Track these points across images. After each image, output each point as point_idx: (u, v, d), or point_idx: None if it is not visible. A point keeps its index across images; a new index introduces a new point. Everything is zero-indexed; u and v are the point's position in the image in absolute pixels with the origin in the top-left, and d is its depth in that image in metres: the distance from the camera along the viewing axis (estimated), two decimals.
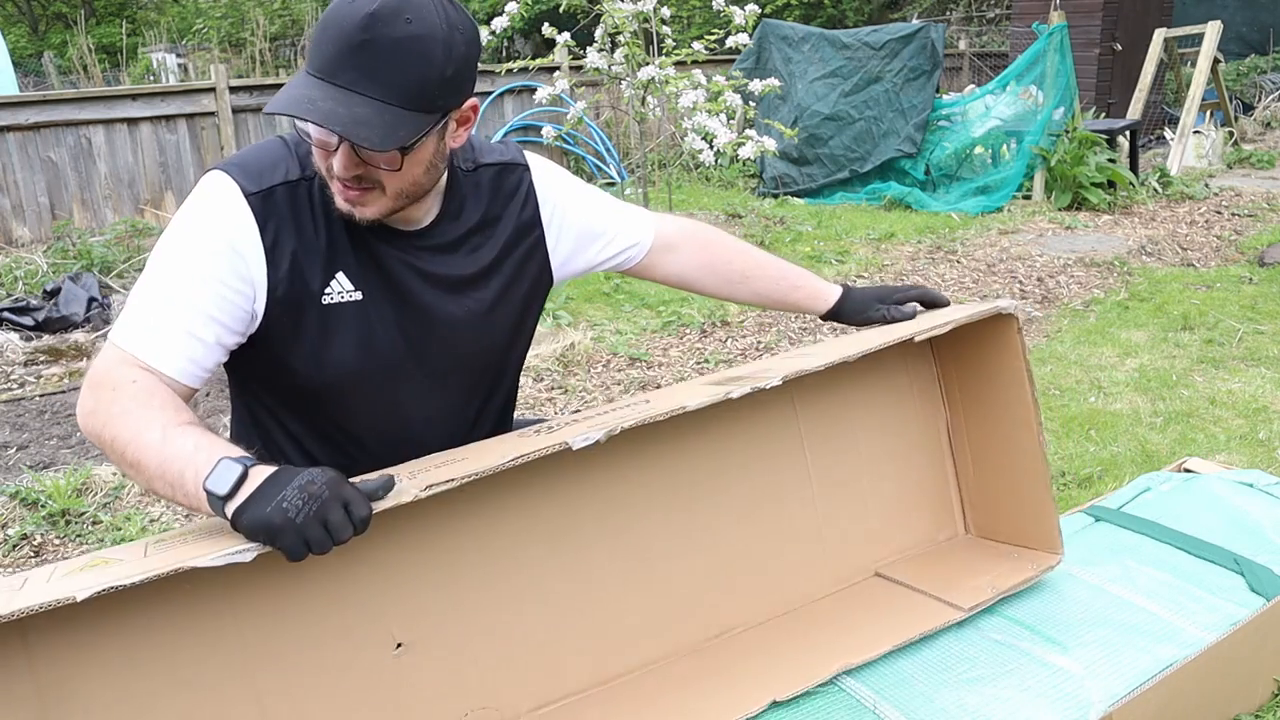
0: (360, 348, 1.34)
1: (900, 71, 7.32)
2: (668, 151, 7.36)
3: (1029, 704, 1.41)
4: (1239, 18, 11.87)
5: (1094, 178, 6.60)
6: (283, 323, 1.29)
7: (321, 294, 1.31)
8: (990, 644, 1.55)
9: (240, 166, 1.29)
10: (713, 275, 1.68)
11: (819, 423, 1.59)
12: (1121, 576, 1.72)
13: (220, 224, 1.25)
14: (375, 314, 1.35)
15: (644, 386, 3.65)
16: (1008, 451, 1.62)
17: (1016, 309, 1.52)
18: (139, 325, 1.22)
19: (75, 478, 2.80)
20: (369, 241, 1.33)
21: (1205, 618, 1.60)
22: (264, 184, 1.28)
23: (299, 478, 1.04)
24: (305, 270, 1.29)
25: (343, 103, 1.16)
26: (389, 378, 1.39)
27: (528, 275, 1.49)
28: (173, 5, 19.63)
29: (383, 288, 1.35)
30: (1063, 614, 1.61)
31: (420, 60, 1.17)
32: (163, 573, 0.98)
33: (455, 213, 1.41)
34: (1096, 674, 1.47)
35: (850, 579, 1.62)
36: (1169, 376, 3.55)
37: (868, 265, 5.26)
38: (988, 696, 1.43)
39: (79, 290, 4.81)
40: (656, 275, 1.68)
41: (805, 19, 14.38)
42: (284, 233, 1.28)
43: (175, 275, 1.24)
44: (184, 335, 1.22)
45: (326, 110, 1.15)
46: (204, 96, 7.00)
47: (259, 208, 1.27)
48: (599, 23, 6.03)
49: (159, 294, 1.24)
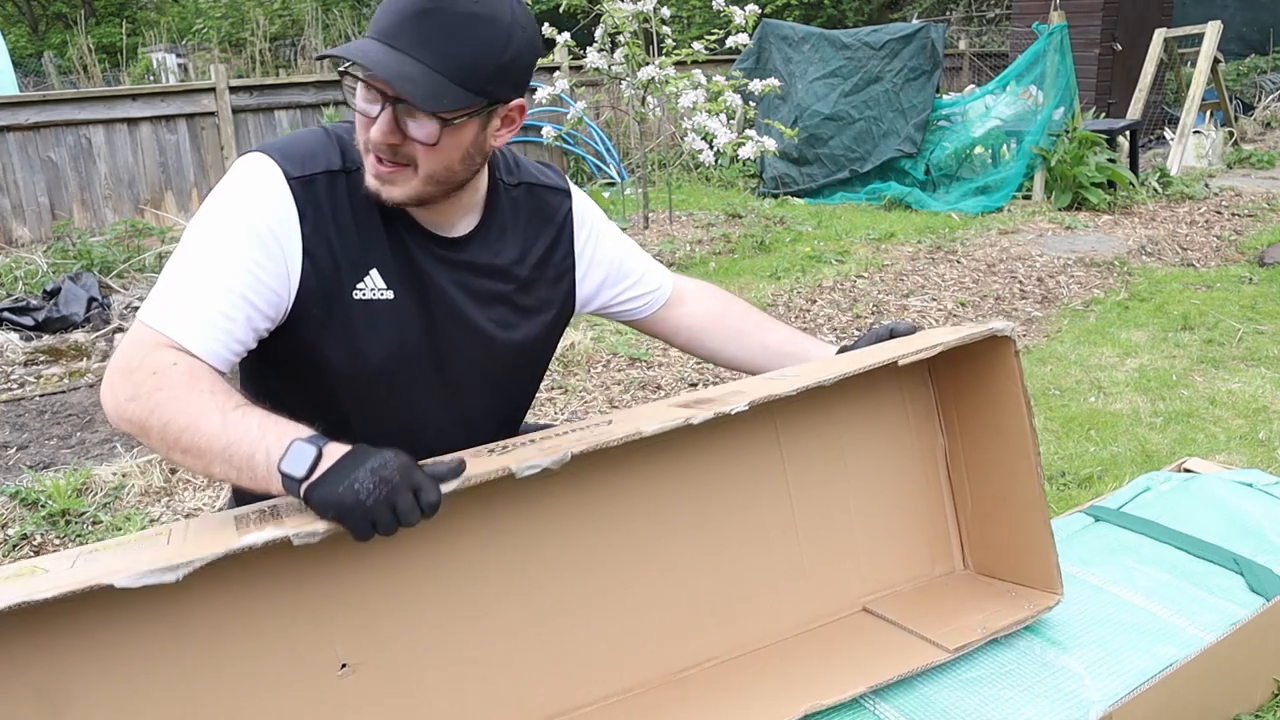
0: (386, 346, 1.34)
1: (900, 71, 7.32)
2: (668, 151, 7.36)
3: (1029, 704, 1.41)
4: (1239, 18, 11.87)
5: (1094, 178, 6.60)
6: (312, 313, 1.28)
7: (353, 288, 1.30)
8: (990, 644, 1.55)
9: (282, 151, 1.27)
10: (721, 328, 1.65)
11: (804, 448, 1.52)
12: (1122, 577, 1.72)
13: (260, 206, 1.24)
14: (405, 315, 1.34)
15: (644, 387, 3.65)
16: (1006, 482, 1.55)
17: (1012, 331, 1.44)
18: (172, 305, 1.20)
19: (75, 478, 2.80)
20: (406, 242, 1.33)
21: (1205, 618, 1.60)
22: (306, 170, 1.26)
23: (371, 460, 1.04)
24: (340, 262, 1.28)
25: (394, 59, 1.17)
26: (409, 381, 1.38)
27: (555, 301, 1.50)
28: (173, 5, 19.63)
29: (415, 290, 1.34)
30: (1063, 614, 1.61)
31: (478, 39, 1.19)
32: (75, 589, 0.93)
33: (494, 226, 1.40)
34: (1096, 674, 1.47)
35: (834, 614, 1.54)
36: (1169, 376, 3.55)
37: (868, 265, 5.26)
38: (987, 697, 1.42)
39: (79, 290, 4.81)
40: (666, 329, 1.66)
41: (805, 19, 14.38)
42: (322, 221, 1.27)
43: (210, 255, 1.22)
44: (219, 316, 1.20)
45: (374, 58, 1.16)
46: (204, 96, 7.00)
47: (300, 194, 1.25)
48: (599, 23, 6.03)
49: (193, 273, 1.21)
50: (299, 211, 1.25)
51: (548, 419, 3.12)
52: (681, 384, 3.67)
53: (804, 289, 4.82)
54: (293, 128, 7.29)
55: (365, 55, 1.17)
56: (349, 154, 1.30)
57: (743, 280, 5.07)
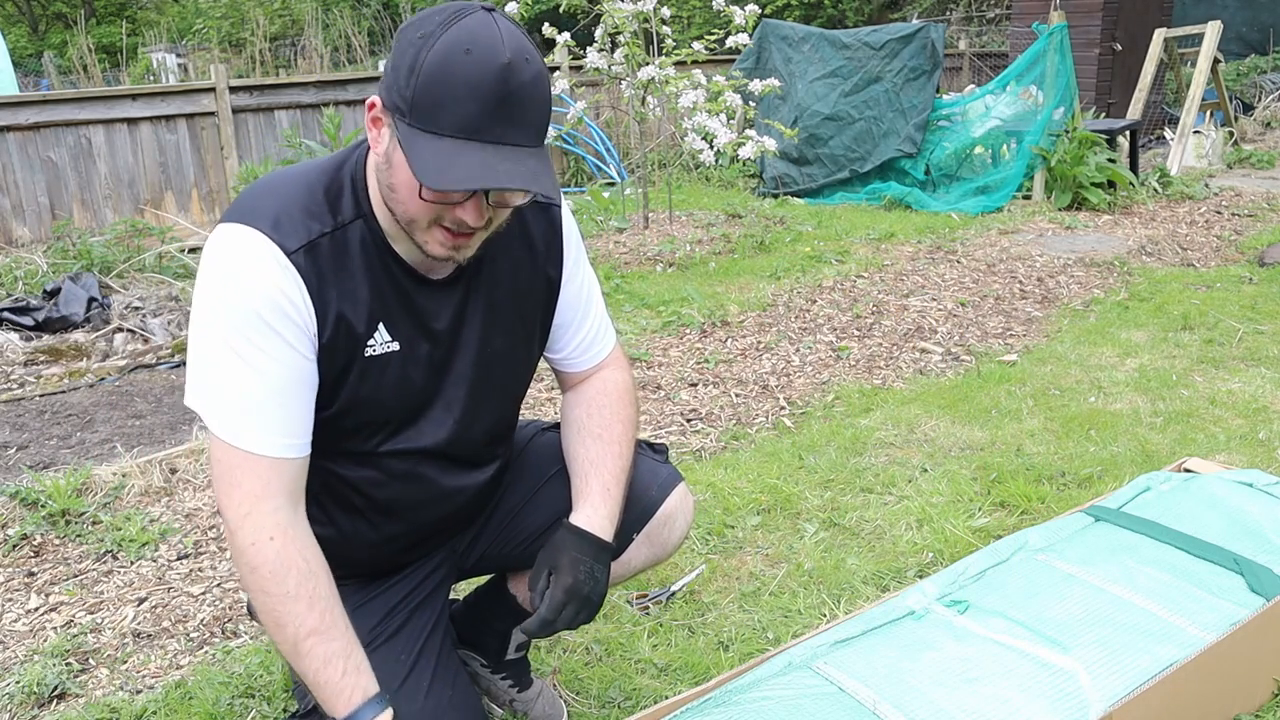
0: (396, 396, 1.36)
1: (900, 71, 7.31)
2: (668, 151, 7.35)
3: (1029, 704, 1.41)
4: (1239, 18, 11.87)
5: (1094, 178, 6.60)
6: (327, 374, 1.30)
7: (365, 345, 1.31)
8: (990, 644, 1.55)
9: (269, 220, 1.23)
10: (576, 409, 1.56)
11: None
12: (1122, 576, 1.72)
13: (269, 285, 1.22)
14: (411, 361, 1.36)
15: (644, 387, 3.65)
16: None
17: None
18: (238, 421, 1.23)
19: (75, 478, 2.80)
20: (403, 289, 1.33)
21: (1205, 617, 1.60)
22: (304, 239, 1.24)
23: None
24: (352, 323, 1.29)
25: (507, 158, 1.15)
26: (417, 418, 1.40)
27: (545, 317, 1.51)
28: (173, 5, 19.63)
29: (419, 336, 1.36)
30: (1063, 614, 1.61)
31: (546, 96, 1.19)
32: None
33: (489, 250, 1.38)
34: (1096, 674, 1.47)
35: None
36: (1169, 376, 3.55)
37: (868, 265, 5.26)
38: (987, 697, 1.42)
39: (79, 290, 4.81)
40: (570, 383, 1.59)
41: (805, 19, 14.38)
42: (327, 287, 1.26)
43: (247, 352, 1.22)
44: (285, 417, 1.25)
45: (507, 171, 1.14)
46: (204, 96, 7.00)
47: (304, 265, 1.23)
48: (599, 23, 6.03)
49: (243, 381, 1.23)
50: (306, 285, 1.24)
51: (547, 419, 3.11)
52: (681, 384, 3.67)
53: (804, 289, 4.82)
54: (293, 128, 7.28)
55: (497, 173, 1.14)
56: (337, 208, 1.28)
57: (743, 280, 5.07)
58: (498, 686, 1.82)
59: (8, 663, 2.13)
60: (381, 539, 1.48)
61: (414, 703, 1.41)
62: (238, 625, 2.24)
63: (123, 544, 2.58)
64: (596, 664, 2.00)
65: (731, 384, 3.67)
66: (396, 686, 1.40)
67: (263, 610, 1.25)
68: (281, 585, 1.23)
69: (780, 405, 3.47)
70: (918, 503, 2.62)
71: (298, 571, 1.24)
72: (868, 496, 2.70)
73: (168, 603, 2.35)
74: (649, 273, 5.32)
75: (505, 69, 1.13)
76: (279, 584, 1.23)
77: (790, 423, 3.31)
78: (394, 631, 1.48)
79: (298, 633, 1.22)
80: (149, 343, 4.46)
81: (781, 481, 2.78)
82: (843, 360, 3.91)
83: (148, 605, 2.33)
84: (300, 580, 1.23)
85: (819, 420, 3.31)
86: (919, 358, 3.93)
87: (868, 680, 1.47)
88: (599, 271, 5.27)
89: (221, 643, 2.17)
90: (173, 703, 1.93)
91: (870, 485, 2.77)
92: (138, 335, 4.54)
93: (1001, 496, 2.63)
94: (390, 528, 1.47)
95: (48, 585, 2.43)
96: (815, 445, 3.06)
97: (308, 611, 1.23)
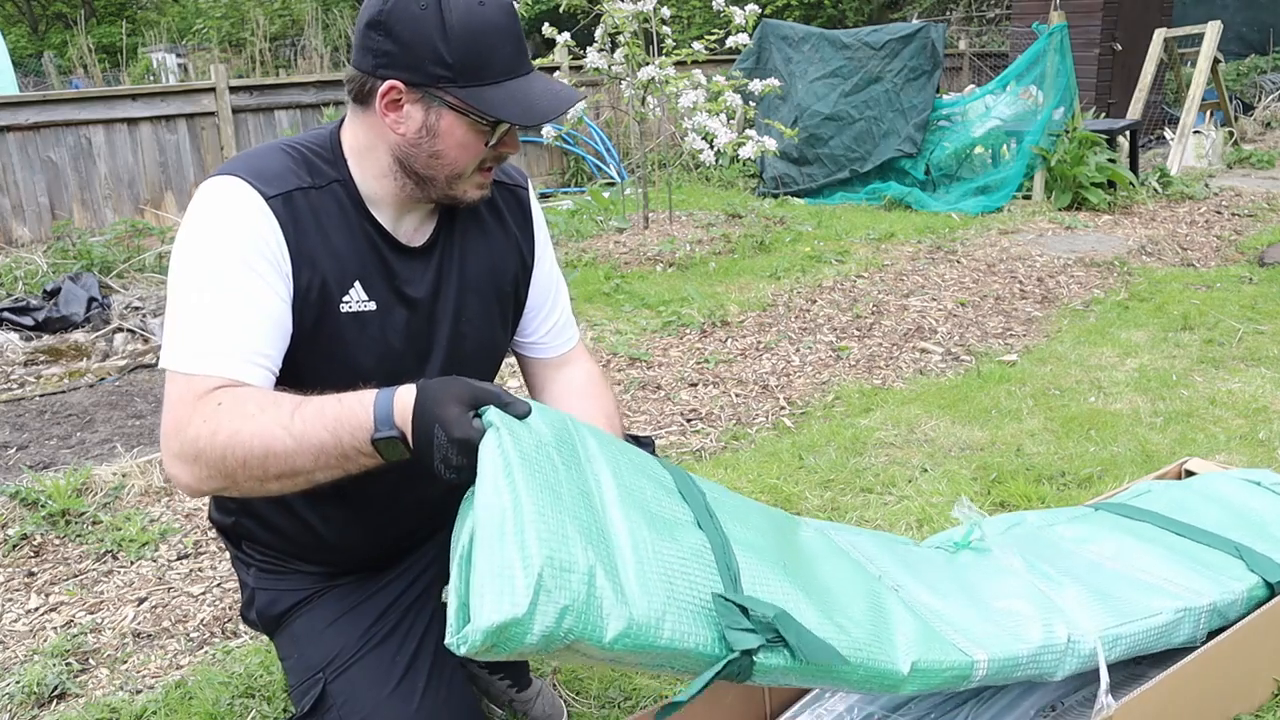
0: (374, 354, 1.36)
1: (900, 71, 7.31)
2: (668, 151, 7.35)
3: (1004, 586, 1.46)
4: (1239, 18, 11.87)
5: (1094, 178, 6.60)
6: (304, 327, 1.29)
7: (340, 300, 1.31)
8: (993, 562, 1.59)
9: (250, 172, 1.26)
10: (555, 404, 1.54)
11: None
12: (1119, 554, 1.72)
13: (247, 224, 1.23)
14: (388, 323, 1.36)
15: (644, 386, 3.65)
16: None
17: None
18: (196, 344, 1.19)
19: (75, 478, 2.80)
20: (381, 253, 1.35)
21: (1201, 585, 1.60)
22: (281, 188, 1.26)
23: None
24: (327, 276, 1.30)
25: (543, 82, 1.28)
26: (393, 384, 1.38)
27: (517, 296, 1.53)
28: (173, 5, 19.62)
29: (395, 299, 1.36)
30: (1060, 560, 1.64)
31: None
32: None
33: (455, 227, 1.42)
34: (1088, 608, 1.49)
35: None
36: (1169, 376, 3.55)
37: (868, 265, 5.26)
38: (993, 590, 1.47)
39: (79, 290, 4.81)
40: (540, 379, 1.59)
41: (805, 19, 14.37)
42: (305, 237, 1.27)
43: (217, 285, 1.21)
44: (246, 338, 1.21)
45: (556, 92, 1.27)
46: (204, 96, 7.00)
47: (281, 210, 1.25)
48: (599, 23, 6.03)
49: (205, 308, 1.20)
50: (283, 228, 1.25)
51: None
52: (681, 384, 3.67)
53: (804, 289, 4.82)
54: (293, 128, 7.28)
55: (554, 94, 1.26)
56: (316, 171, 1.31)
57: (743, 280, 5.07)
58: (496, 687, 1.82)
59: (8, 663, 2.13)
60: (357, 518, 1.45)
61: (410, 703, 1.40)
62: (238, 625, 2.24)
63: (123, 544, 2.58)
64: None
65: (731, 384, 3.67)
66: (392, 688, 1.39)
67: (246, 451, 1.12)
68: (244, 413, 1.13)
69: (780, 405, 3.47)
70: (918, 503, 2.62)
71: (252, 396, 1.17)
72: (868, 496, 2.70)
73: (168, 603, 2.35)
74: (649, 273, 5.32)
75: (510, 8, 1.25)
76: (242, 415, 1.13)
77: (790, 423, 3.31)
78: (388, 632, 1.47)
79: (286, 418, 1.12)
80: (149, 343, 4.46)
81: (781, 481, 2.78)
82: (843, 360, 3.91)
83: (148, 605, 2.34)
84: (257, 395, 1.17)
85: (819, 420, 3.31)
86: (919, 358, 3.93)
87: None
88: (599, 271, 5.28)
89: (221, 643, 2.17)
90: (173, 703, 1.93)
91: (870, 485, 2.77)
92: (138, 335, 4.54)
93: (1001, 496, 2.63)
94: (366, 510, 1.44)
95: (48, 585, 2.43)
96: (815, 445, 3.06)
97: (277, 403, 1.14)
